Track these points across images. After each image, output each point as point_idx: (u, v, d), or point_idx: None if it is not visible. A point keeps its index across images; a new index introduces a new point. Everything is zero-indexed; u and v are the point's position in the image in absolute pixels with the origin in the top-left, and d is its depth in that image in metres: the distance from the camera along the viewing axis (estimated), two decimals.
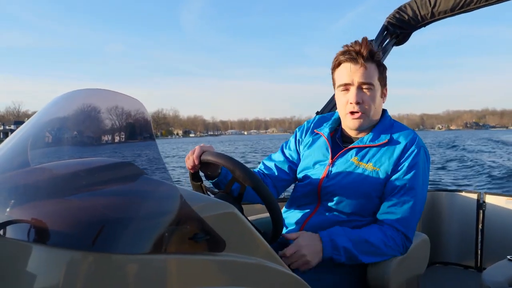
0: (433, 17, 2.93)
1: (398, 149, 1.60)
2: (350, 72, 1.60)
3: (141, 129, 1.05)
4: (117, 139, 1.11)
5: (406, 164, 1.58)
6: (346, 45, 1.63)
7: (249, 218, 2.04)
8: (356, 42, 1.61)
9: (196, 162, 1.51)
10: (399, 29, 3.07)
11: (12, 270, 0.83)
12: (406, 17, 3.01)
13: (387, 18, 3.10)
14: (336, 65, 1.65)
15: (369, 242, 1.51)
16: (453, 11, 2.84)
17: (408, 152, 1.59)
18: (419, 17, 2.98)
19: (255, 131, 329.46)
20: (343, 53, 1.61)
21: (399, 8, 3.06)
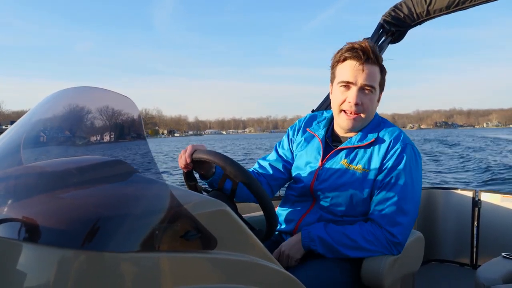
0: (429, 15, 2.94)
1: (383, 147, 1.60)
2: (354, 71, 1.56)
3: (132, 127, 1.04)
4: (108, 137, 1.11)
5: (390, 162, 1.58)
6: (352, 43, 1.59)
7: (244, 216, 2.04)
8: (361, 42, 1.58)
9: (188, 161, 1.51)
10: (394, 27, 3.07)
11: (2, 268, 0.82)
12: (402, 15, 3.01)
13: (382, 16, 3.10)
14: (341, 60, 1.61)
15: (346, 235, 1.54)
16: (448, 9, 2.85)
17: (393, 150, 1.59)
18: (414, 15, 2.98)
19: (233, 130, 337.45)
20: (350, 49, 1.57)
21: (395, 6, 3.06)
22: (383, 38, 3.13)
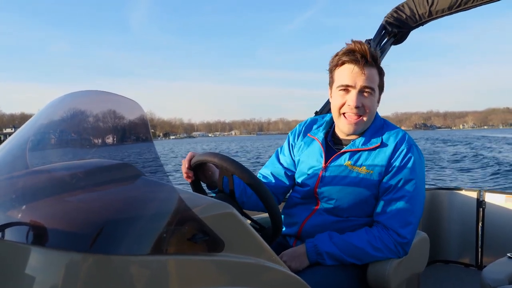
0: (431, 16, 2.93)
1: (389, 149, 1.60)
2: (353, 74, 1.55)
3: (138, 130, 1.05)
4: (115, 140, 1.11)
5: (397, 163, 1.58)
6: (349, 45, 1.58)
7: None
8: (359, 42, 1.57)
9: (187, 165, 1.52)
10: (397, 28, 3.07)
11: (11, 272, 0.82)
12: (404, 16, 3.01)
13: (385, 17, 3.10)
14: (339, 64, 1.60)
15: (354, 245, 1.54)
16: (450, 9, 2.84)
17: (399, 152, 1.59)
18: (417, 16, 2.98)
19: (219, 133, 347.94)
20: (347, 53, 1.56)
21: (397, 7, 3.06)
22: (386, 40, 3.13)
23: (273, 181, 1.83)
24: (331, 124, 1.77)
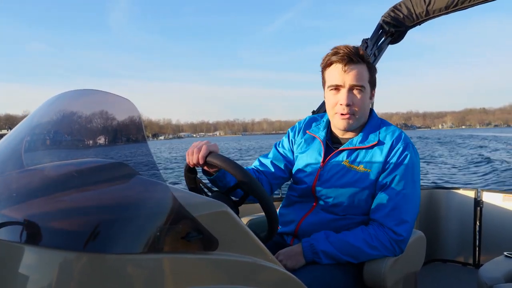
0: (428, 15, 2.95)
1: (386, 148, 1.62)
2: (341, 73, 1.59)
3: (132, 129, 1.05)
4: (109, 139, 1.11)
5: (393, 161, 1.59)
6: (337, 47, 1.61)
7: (245, 217, 2.04)
8: (345, 45, 1.61)
9: (201, 162, 1.47)
10: (394, 27, 3.08)
11: (4, 271, 0.82)
12: (401, 15, 3.02)
13: (382, 16, 3.11)
14: (327, 64, 1.64)
15: (350, 244, 1.55)
16: (447, 9, 2.86)
17: (395, 150, 1.61)
18: (414, 15, 2.99)
19: (203, 133, 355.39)
20: (335, 53, 1.60)
21: (394, 7, 3.07)
22: (383, 39, 3.14)
23: (272, 170, 1.84)
24: (329, 123, 1.78)
